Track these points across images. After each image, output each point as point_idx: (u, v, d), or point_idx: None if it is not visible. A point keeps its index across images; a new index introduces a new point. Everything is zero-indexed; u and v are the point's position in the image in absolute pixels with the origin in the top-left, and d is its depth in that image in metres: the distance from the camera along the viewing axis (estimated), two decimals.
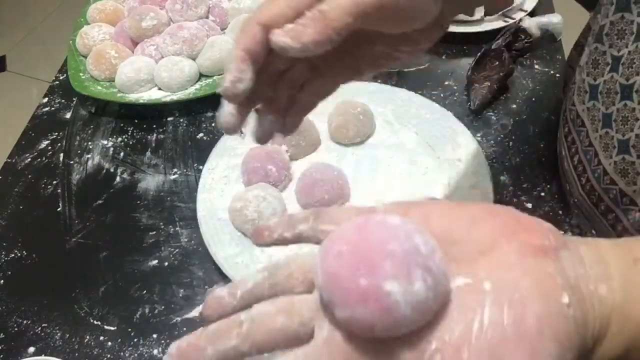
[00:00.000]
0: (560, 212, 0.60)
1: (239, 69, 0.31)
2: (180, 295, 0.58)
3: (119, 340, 0.55)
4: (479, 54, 0.73)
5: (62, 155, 0.73)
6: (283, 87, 0.37)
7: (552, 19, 0.78)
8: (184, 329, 0.55)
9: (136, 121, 0.76)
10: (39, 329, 0.56)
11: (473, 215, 0.26)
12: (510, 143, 0.68)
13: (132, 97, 0.76)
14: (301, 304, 0.26)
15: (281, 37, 0.29)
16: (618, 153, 0.45)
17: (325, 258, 0.24)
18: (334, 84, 0.38)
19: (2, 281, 0.60)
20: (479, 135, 0.69)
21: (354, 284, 0.22)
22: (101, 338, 0.55)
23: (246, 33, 0.31)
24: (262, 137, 0.38)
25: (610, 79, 0.45)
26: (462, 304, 0.23)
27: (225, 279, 0.57)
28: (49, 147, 0.74)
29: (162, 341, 0.54)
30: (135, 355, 0.54)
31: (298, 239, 0.30)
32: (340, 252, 0.23)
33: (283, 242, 0.30)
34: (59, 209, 0.67)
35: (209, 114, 0.76)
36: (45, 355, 0.54)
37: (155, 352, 0.54)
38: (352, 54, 0.36)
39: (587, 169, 0.50)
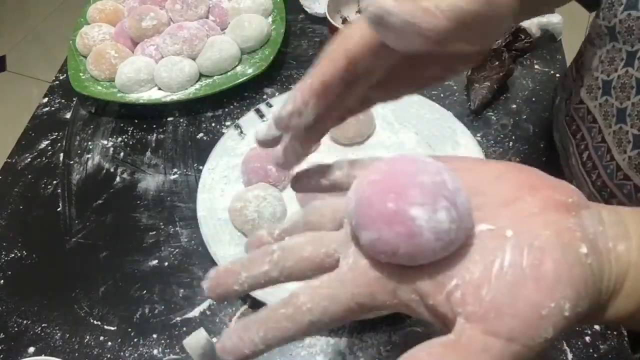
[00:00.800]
0: None
1: (303, 102, 0.28)
2: (180, 295, 0.58)
3: (119, 340, 0.55)
4: None
5: (62, 155, 0.73)
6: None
7: (552, 19, 0.78)
8: (184, 328, 0.55)
9: (136, 121, 0.76)
10: (39, 329, 0.56)
11: (499, 170, 0.27)
12: (510, 143, 0.68)
13: (132, 97, 0.76)
14: (329, 237, 0.28)
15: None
16: (633, 148, 0.45)
17: (358, 185, 0.26)
18: (371, 105, 0.35)
19: (2, 281, 0.60)
20: (479, 135, 0.69)
21: (382, 207, 0.24)
22: (101, 338, 0.55)
23: (327, 62, 0.28)
24: (290, 164, 0.33)
25: (624, 74, 0.45)
26: (484, 247, 0.24)
27: None
28: (49, 147, 0.74)
29: (162, 341, 0.54)
30: (135, 355, 0.54)
31: (333, 186, 0.31)
32: (373, 180, 0.25)
33: (320, 189, 0.31)
34: (59, 209, 0.67)
35: (209, 114, 0.76)
36: (45, 355, 0.54)
37: (155, 352, 0.54)
38: (400, 77, 0.33)
39: (598, 165, 0.50)
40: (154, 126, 0.75)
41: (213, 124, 0.75)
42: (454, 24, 0.25)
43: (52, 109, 0.79)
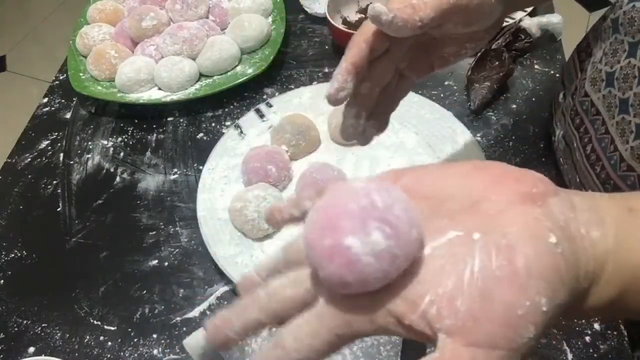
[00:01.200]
0: None
1: (344, 80, 0.38)
2: (180, 295, 0.58)
3: (119, 340, 0.55)
4: (479, 54, 0.73)
5: (62, 155, 0.73)
6: (384, 97, 0.43)
7: (552, 19, 0.78)
8: (184, 328, 0.55)
9: (136, 121, 0.76)
10: (39, 329, 0.56)
11: (464, 171, 0.28)
12: (510, 143, 0.68)
13: (132, 97, 0.76)
14: (306, 273, 0.28)
15: (379, 6, 0.35)
16: (635, 138, 0.45)
17: (304, 229, 0.27)
18: (411, 82, 0.44)
19: (2, 281, 0.60)
20: (479, 135, 0.69)
21: (321, 245, 0.25)
22: (101, 338, 0.55)
23: (353, 48, 0.38)
24: (366, 143, 0.45)
25: (627, 65, 0.46)
26: (454, 255, 0.24)
27: (225, 279, 0.57)
28: (49, 147, 0.74)
29: (162, 341, 0.54)
30: (135, 355, 0.54)
31: (305, 216, 0.32)
32: (312, 220, 0.26)
33: (292, 220, 0.32)
34: (59, 209, 0.67)
35: (209, 114, 0.76)
36: (45, 355, 0.54)
37: (155, 352, 0.54)
38: (427, 55, 0.43)
39: (602, 157, 0.50)
40: (154, 126, 0.75)
41: (213, 124, 0.75)
42: (439, 13, 0.35)
43: (52, 109, 0.79)
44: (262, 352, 0.28)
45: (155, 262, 0.61)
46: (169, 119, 0.76)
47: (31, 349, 0.55)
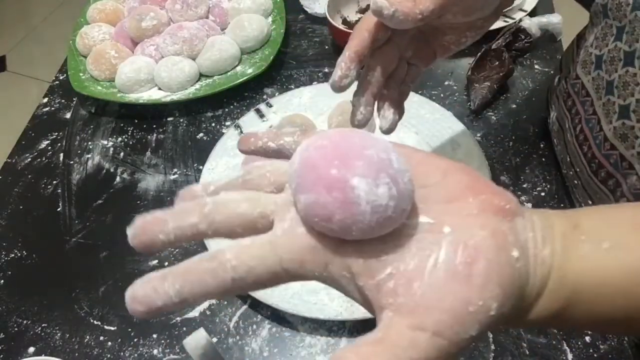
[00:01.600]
0: None
1: (347, 68, 0.39)
2: None
3: (119, 340, 0.55)
4: (479, 54, 0.73)
5: (62, 155, 0.73)
6: (394, 84, 0.44)
7: (552, 19, 0.78)
8: (184, 328, 0.55)
9: (136, 121, 0.76)
10: (39, 329, 0.56)
11: (449, 168, 0.28)
12: (510, 143, 0.68)
13: (132, 97, 0.76)
14: (267, 198, 0.27)
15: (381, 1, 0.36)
16: (618, 118, 0.47)
17: (305, 148, 0.25)
18: (419, 70, 0.46)
19: (2, 281, 0.60)
20: (479, 135, 0.69)
21: (325, 172, 0.24)
22: (101, 338, 0.55)
23: (356, 38, 0.39)
24: (389, 129, 0.45)
25: (614, 48, 0.48)
26: (421, 240, 0.25)
27: None
28: (49, 147, 0.74)
29: (162, 341, 0.54)
30: (135, 355, 0.54)
31: (280, 151, 0.31)
32: (320, 146, 0.25)
33: (266, 151, 0.31)
34: (59, 209, 0.67)
35: (209, 114, 0.76)
36: (45, 355, 0.54)
37: (155, 352, 0.54)
38: (429, 43, 0.44)
39: (589, 137, 0.52)
40: (154, 126, 0.75)
41: (213, 124, 0.75)
42: (438, 5, 0.37)
43: (52, 109, 0.79)
44: (192, 262, 0.26)
45: (155, 262, 0.61)
46: (169, 119, 0.76)
47: (31, 349, 0.55)
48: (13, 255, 0.63)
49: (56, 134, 0.76)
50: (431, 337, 0.23)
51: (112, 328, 0.56)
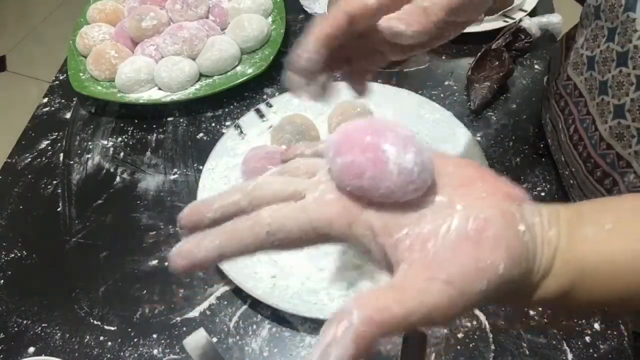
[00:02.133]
0: None
1: (311, 49, 0.35)
2: (180, 295, 0.58)
3: (119, 340, 0.55)
4: (479, 54, 0.73)
5: (62, 155, 0.73)
6: (359, 61, 0.43)
7: (552, 19, 0.78)
8: (184, 328, 0.55)
9: (136, 121, 0.76)
10: (39, 329, 0.56)
11: (461, 162, 0.31)
12: (510, 143, 0.68)
13: (132, 97, 0.76)
14: (300, 180, 0.31)
15: (396, 23, 0.35)
16: (614, 118, 0.48)
17: (341, 128, 0.30)
18: (388, 58, 0.44)
19: (2, 281, 0.60)
20: (479, 135, 0.69)
21: (360, 139, 0.28)
22: (101, 338, 0.55)
23: (330, 18, 0.35)
24: (363, 92, 0.45)
25: (606, 49, 0.49)
26: (436, 212, 0.28)
27: (225, 278, 0.57)
28: (49, 147, 0.74)
29: (162, 341, 0.54)
30: (135, 355, 0.54)
31: (315, 155, 0.34)
32: (355, 124, 0.29)
33: (301, 157, 0.34)
34: (59, 209, 0.67)
35: (209, 114, 0.76)
36: (45, 355, 0.54)
37: (155, 352, 0.54)
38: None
39: (584, 137, 0.53)
40: (154, 126, 0.75)
41: (213, 124, 0.75)
42: (448, 11, 0.36)
43: (52, 109, 0.79)
44: (232, 221, 0.29)
45: (155, 262, 0.61)
46: (169, 119, 0.76)
47: (31, 349, 0.55)
48: (13, 255, 0.63)
49: (56, 134, 0.76)
50: (443, 285, 0.25)
51: (112, 328, 0.56)
